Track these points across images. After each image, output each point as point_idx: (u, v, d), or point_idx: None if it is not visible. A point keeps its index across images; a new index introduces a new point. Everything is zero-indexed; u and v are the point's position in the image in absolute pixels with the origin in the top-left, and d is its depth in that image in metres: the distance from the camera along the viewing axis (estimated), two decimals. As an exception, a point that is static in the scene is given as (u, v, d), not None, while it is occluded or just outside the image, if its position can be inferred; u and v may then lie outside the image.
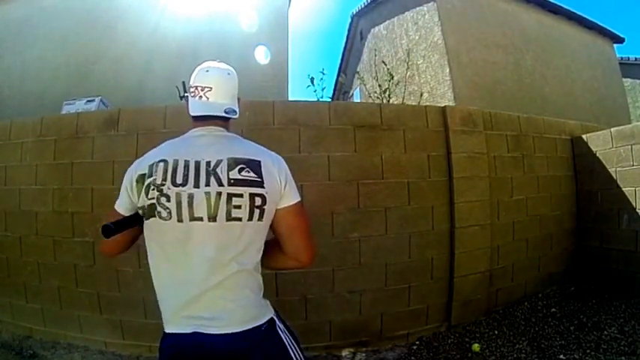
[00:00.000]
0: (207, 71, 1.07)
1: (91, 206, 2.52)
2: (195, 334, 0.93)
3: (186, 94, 1.11)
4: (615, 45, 9.56)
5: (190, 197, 0.94)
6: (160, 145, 1.05)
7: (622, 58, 10.06)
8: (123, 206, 1.02)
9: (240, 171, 0.97)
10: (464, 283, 2.73)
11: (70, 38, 5.40)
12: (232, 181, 0.95)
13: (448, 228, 2.72)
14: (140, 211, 0.99)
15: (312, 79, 3.99)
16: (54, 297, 2.59)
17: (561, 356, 2.31)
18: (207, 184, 0.95)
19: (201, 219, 0.94)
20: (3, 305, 2.75)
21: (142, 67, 5.20)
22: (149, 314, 2.43)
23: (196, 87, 1.05)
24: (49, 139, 2.67)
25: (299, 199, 1.06)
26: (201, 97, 1.04)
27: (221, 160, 0.97)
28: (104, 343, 2.53)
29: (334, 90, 9.59)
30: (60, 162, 2.62)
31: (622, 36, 9.48)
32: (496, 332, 2.67)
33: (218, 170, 0.96)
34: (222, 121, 1.07)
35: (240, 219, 0.95)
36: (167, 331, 0.98)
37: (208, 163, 0.97)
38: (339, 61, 11.69)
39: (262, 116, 2.48)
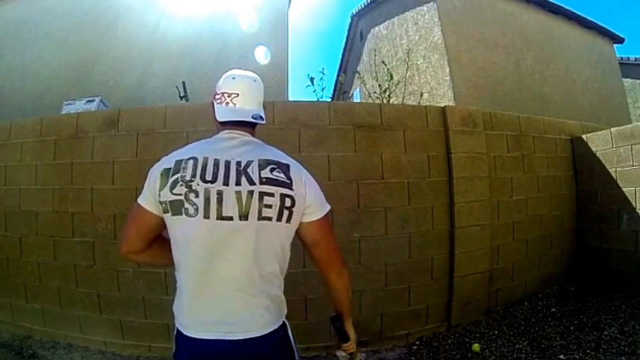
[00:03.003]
0: (234, 78, 1.08)
1: (91, 206, 2.52)
2: (218, 341, 0.92)
3: (186, 95, 1.11)
4: (615, 45, 9.55)
5: (219, 194, 0.93)
6: (188, 145, 1.05)
7: (622, 58, 10.04)
8: (146, 201, 1.00)
9: (271, 170, 0.97)
10: (464, 283, 2.73)
11: (70, 38, 5.40)
12: (264, 179, 0.95)
13: (448, 228, 2.72)
14: (162, 207, 0.96)
15: (311, 79, 3.98)
16: (54, 297, 2.59)
17: (561, 356, 2.31)
18: (238, 183, 0.94)
19: (230, 218, 0.93)
20: (3, 305, 2.75)
21: (142, 67, 5.18)
22: (149, 314, 2.43)
23: (223, 93, 1.06)
24: (49, 139, 2.67)
25: (325, 212, 1.05)
26: (228, 103, 1.05)
27: (252, 161, 0.98)
28: (104, 343, 2.53)
29: (334, 90, 9.56)
30: (60, 162, 2.62)
31: (622, 36, 9.47)
32: (496, 332, 2.67)
33: (249, 170, 0.96)
34: (250, 127, 1.08)
35: (270, 219, 0.95)
36: (187, 334, 0.95)
37: (239, 163, 0.97)
38: (339, 61, 11.68)
39: (262, 116, 2.48)
